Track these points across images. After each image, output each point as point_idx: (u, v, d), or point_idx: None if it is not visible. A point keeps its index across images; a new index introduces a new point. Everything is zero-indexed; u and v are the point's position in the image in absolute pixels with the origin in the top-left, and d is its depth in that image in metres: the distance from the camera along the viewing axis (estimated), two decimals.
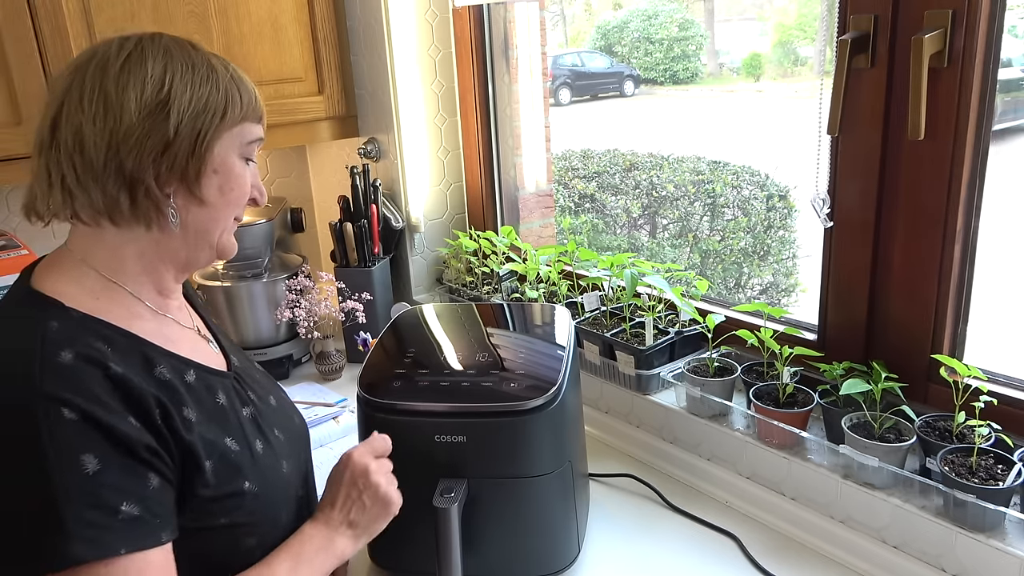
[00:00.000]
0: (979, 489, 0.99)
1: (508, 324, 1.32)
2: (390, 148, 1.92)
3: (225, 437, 0.86)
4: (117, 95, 0.80)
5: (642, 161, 4.46)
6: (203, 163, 0.85)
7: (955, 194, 1.08)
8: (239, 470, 0.86)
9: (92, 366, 0.76)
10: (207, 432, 0.84)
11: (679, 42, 8.65)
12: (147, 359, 0.82)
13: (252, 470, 0.87)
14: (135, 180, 0.82)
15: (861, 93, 1.14)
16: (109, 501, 0.73)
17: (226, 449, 0.85)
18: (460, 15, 1.89)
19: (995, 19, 1.02)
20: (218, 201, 0.88)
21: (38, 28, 1.52)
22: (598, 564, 1.18)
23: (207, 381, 0.89)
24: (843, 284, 1.24)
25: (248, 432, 0.90)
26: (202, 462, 0.82)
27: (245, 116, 0.89)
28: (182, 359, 0.87)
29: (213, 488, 0.82)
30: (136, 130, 0.80)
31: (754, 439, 1.25)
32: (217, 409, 0.88)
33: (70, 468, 0.72)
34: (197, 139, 0.83)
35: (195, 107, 0.83)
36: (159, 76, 0.82)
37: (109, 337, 0.80)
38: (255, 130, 0.92)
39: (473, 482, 1.06)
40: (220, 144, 0.86)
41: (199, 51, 0.87)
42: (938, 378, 1.12)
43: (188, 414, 0.83)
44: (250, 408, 0.94)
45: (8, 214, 1.84)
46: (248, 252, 1.84)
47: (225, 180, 0.88)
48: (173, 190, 0.85)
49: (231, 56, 1.74)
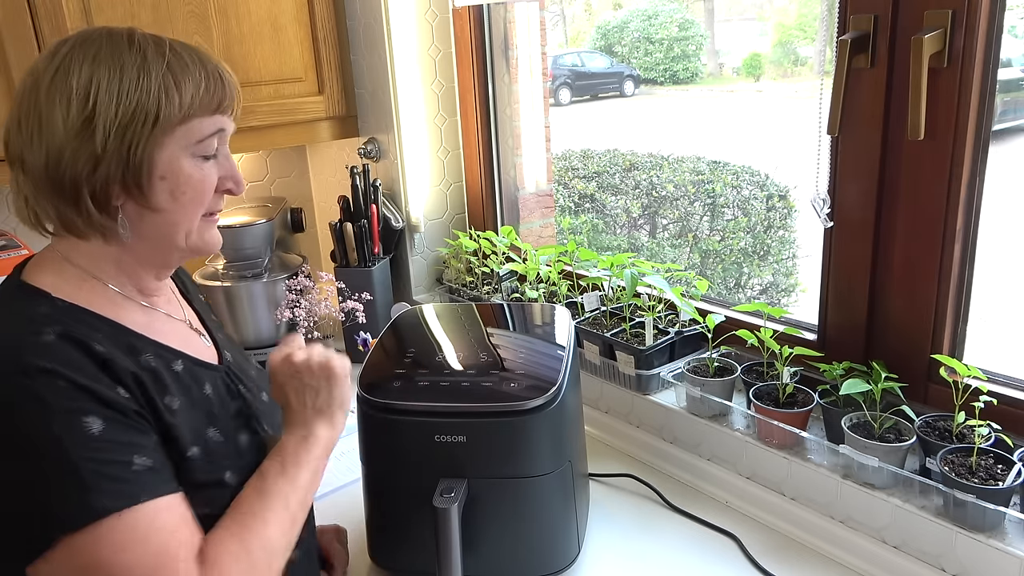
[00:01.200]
0: (979, 489, 0.99)
1: (508, 324, 1.32)
2: (390, 148, 1.92)
3: (209, 427, 0.87)
4: (47, 114, 0.79)
5: (642, 161, 4.46)
6: (142, 173, 0.81)
7: (955, 194, 1.08)
8: (222, 461, 0.86)
9: (75, 344, 0.77)
10: (192, 420, 0.85)
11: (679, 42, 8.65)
12: (132, 347, 0.84)
13: (235, 462, 0.88)
14: (76, 197, 0.81)
15: (861, 93, 1.14)
16: (121, 455, 0.75)
17: (210, 439, 0.86)
18: (460, 15, 1.89)
19: (995, 19, 1.02)
20: (172, 206, 0.84)
21: (38, 28, 1.52)
22: (598, 564, 1.18)
23: (194, 372, 0.90)
24: (843, 284, 1.24)
25: (234, 425, 0.91)
26: (187, 448, 0.83)
27: (190, 114, 0.83)
28: (169, 349, 0.88)
29: (197, 475, 0.83)
30: (66, 149, 0.79)
31: (754, 439, 1.25)
32: (203, 399, 0.89)
33: (76, 429, 0.73)
34: (129, 151, 0.80)
35: (122, 119, 0.79)
36: (83, 89, 0.79)
37: (94, 325, 0.82)
38: (207, 125, 0.85)
39: (473, 482, 1.06)
40: (162, 150, 0.82)
41: (135, 46, 0.82)
42: (938, 378, 1.12)
43: (170, 401, 0.84)
44: (239, 402, 0.94)
45: (8, 214, 1.84)
46: (248, 252, 1.84)
47: (175, 185, 0.84)
48: (122, 202, 0.83)
49: (231, 56, 1.75)
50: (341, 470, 1.47)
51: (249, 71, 1.78)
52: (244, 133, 1.80)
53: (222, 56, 1.73)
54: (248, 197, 2.15)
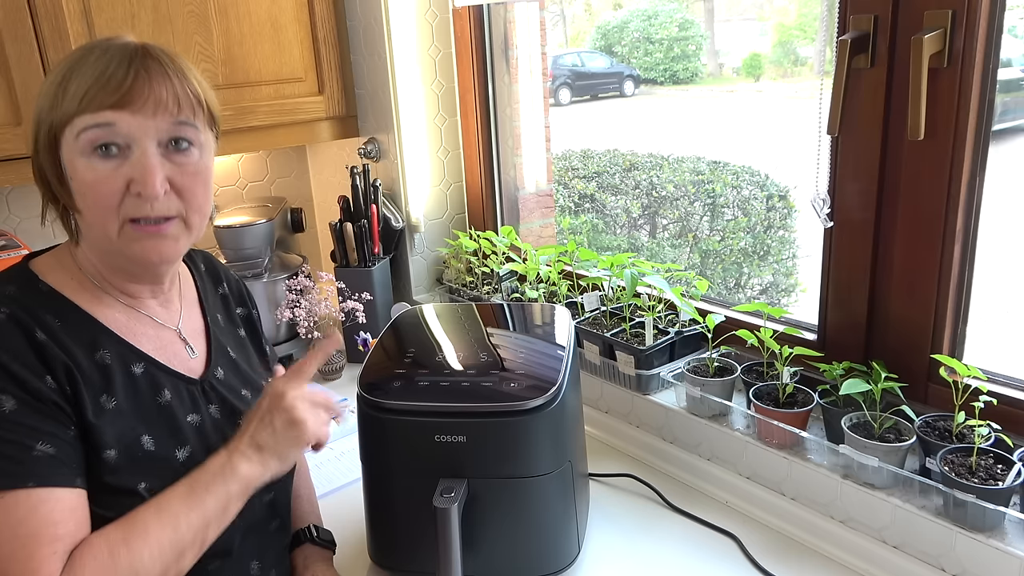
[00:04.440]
0: (979, 489, 0.99)
1: (508, 324, 1.32)
2: (390, 148, 1.92)
3: (144, 434, 0.86)
4: None
5: (642, 161, 4.46)
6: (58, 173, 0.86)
7: (955, 194, 1.08)
8: (143, 470, 0.85)
9: (18, 327, 0.81)
10: (124, 423, 0.85)
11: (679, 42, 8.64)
12: (94, 342, 0.86)
13: (159, 475, 0.86)
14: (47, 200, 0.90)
15: (861, 93, 1.14)
16: (24, 438, 0.77)
17: (137, 445, 0.86)
18: (460, 15, 1.89)
19: (995, 19, 1.02)
20: (83, 207, 0.86)
21: (38, 28, 1.52)
22: (598, 564, 1.18)
23: (155, 377, 0.90)
24: (843, 284, 1.24)
25: (180, 437, 0.90)
26: (102, 450, 0.83)
27: (74, 112, 0.82)
28: (135, 350, 0.89)
29: (108, 478, 0.83)
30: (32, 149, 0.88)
31: (754, 439, 1.25)
32: (151, 406, 0.89)
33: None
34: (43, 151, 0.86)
35: (35, 119, 0.86)
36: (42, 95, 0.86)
37: (63, 314, 0.85)
38: (86, 120, 0.82)
39: (473, 482, 1.06)
40: (63, 149, 0.85)
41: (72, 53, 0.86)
42: (938, 378, 1.12)
43: (105, 401, 0.84)
44: (199, 417, 0.93)
45: (8, 214, 1.84)
46: (248, 252, 1.84)
47: (77, 186, 0.85)
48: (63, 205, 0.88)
49: (231, 56, 1.75)
50: (341, 470, 1.47)
51: (249, 71, 1.78)
52: (244, 133, 1.80)
53: (222, 56, 1.74)
54: (248, 197, 2.15)
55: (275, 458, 0.89)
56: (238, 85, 1.77)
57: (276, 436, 0.88)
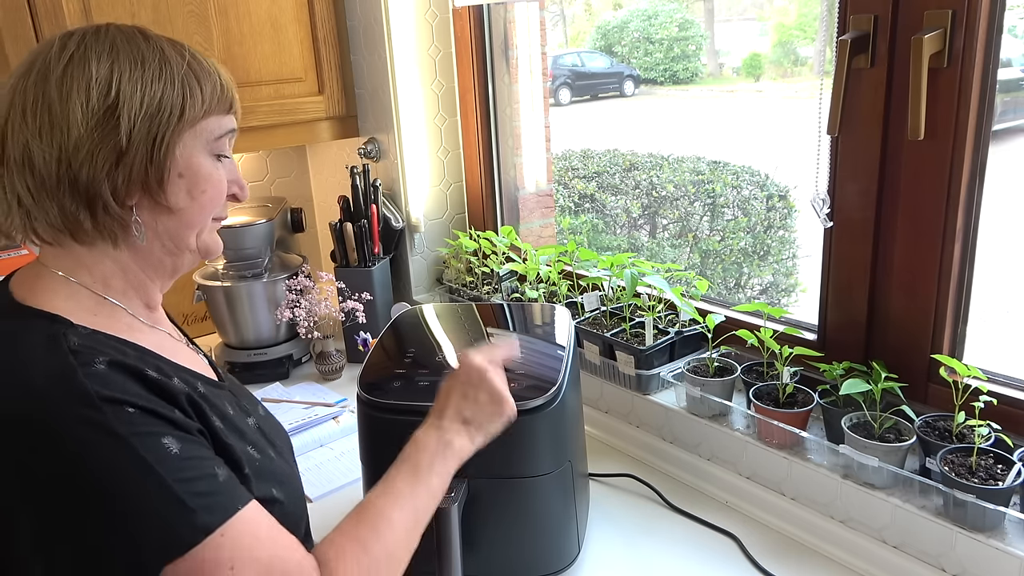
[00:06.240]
0: (979, 489, 0.99)
1: (508, 324, 1.32)
2: (390, 148, 1.92)
3: (246, 446, 0.83)
4: (61, 104, 0.74)
5: (642, 161, 4.46)
6: (164, 168, 0.78)
7: (955, 194, 1.08)
8: (267, 477, 0.83)
9: (127, 372, 0.73)
10: (232, 440, 0.81)
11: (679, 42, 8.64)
12: (161, 370, 0.78)
13: (276, 478, 0.85)
14: (92, 195, 0.75)
15: (861, 93, 1.14)
16: (205, 470, 0.73)
17: (251, 457, 0.83)
18: (460, 15, 1.89)
19: (995, 19, 1.02)
20: (189, 206, 0.81)
21: (38, 28, 1.52)
22: (598, 564, 1.18)
23: (214, 393, 0.86)
24: (843, 284, 1.24)
25: (260, 442, 0.88)
26: (243, 464, 0.80)
27: (209, 110, 0.81)
28: (189, 371, 0.84)
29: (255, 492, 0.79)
30: (86, 141, 0.74)
31: (754, 439, 1.25)
32: (229, 419, 0.84)
33: (159, 452, 0.70)
34: (154, 144, 0.76)
35: (148, 109, 0.76)
36: (105, 78, 0.75)
37: (122, 350, 0.77)
38: (224, 123, 0.83)
39: (473, 482, 1.06)
40: (183, 145, 0.79)
41: (151, 41, 0.79)
42: (938, 378, 1.12)
43: (216, 421, 0.80)
44: (252, 418, 0.91)
45: None
46: (248, 252, 1.84)
47: (194, 183, 0.81)
48: (136, 201, 0.78)
49: (231, 56, 1.75)
50: (341, 470, 1.47)
51: (249, 71, 1.78)
52: (244, 133, 1.79)
53: (222, 56, 1.73)
54: (248, 197, 2.15)
55: (481, 432, 0.93)
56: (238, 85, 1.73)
57: (482, 410, 0.93)
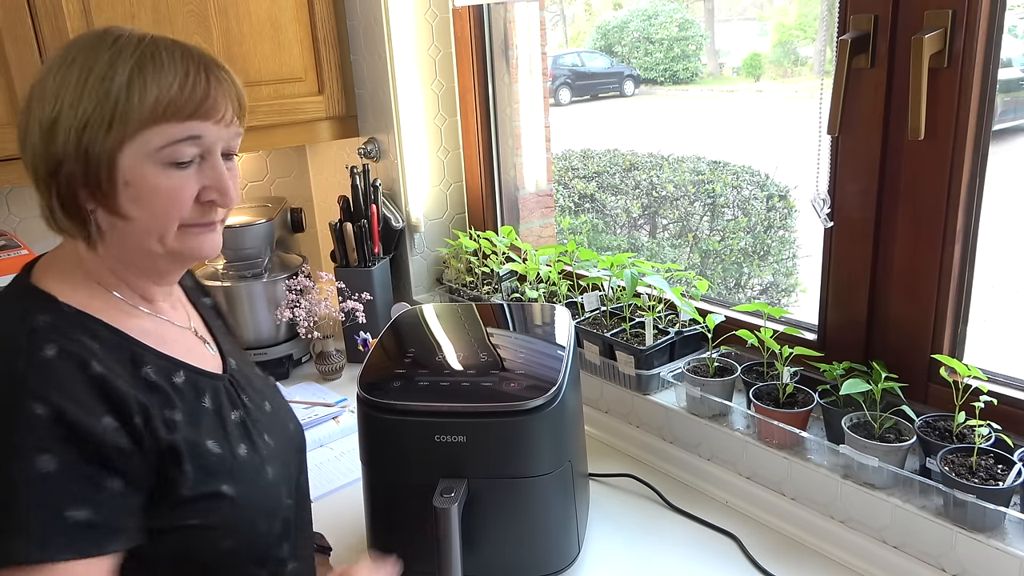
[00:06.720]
0: (979, 489, 0.99)
1: (508, 324, 1.32)
2: (390, 148, 1.92)
3: (206, 440, 0.85)
4: (29, 117, 0.81)
5: (642, 161, 4.46)
6: (102, 177, 0.79)
7: (955, 194, 1.08)
8: (217, 473, 0.85)
9: (73, 363, 0.75)
10: (190, 433, 0.83)
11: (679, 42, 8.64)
12: (135, 359, 0.82)
13: (232, 474, 0.86)
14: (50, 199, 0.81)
15: (861, 93, 1.14)
16: (58, 504, 0.72)
17: (206, 451, 0.84)
18: (460, 15, 1.89)
19: (995, 19, 1.02)
20: (139, 214, 0.81)
21: (38, 28, 1.52)
22: (598, 564, 1.18)
23: (196, 383, 0.88)
24: (843, 284, 1.24)
25: (233, 436, 0.89)
26: (184, 462, 0.81)
27: (151, 120, 0.78)
28: (172, 360, 0.87)
29: (191, 489, 0.81)
30: (38, 149, 0.80)
31: (754, 439, 1.25)
32: (200, 411, 0.87)
33: (27, 465, 0.71)
34: (87, 157, 0.78)
35: (80, 121, 0.77)
36: (53, 92, 0.79)
37: (99, 334, 0.80)
38: (175, 131, 0.80)
39: (473, 482, 1.06)
40: (125, 155, 0.78)
41: (114, 46, 0.80)
42: (938, 378, 1.12)
43: (172, 415, 0.82)
44: (239, 412, 0.92)
45: (8, 214, 1.84)
46: (248, 252, 1.84)
47: (140, 193, 0.80)
48: (92, 207, 0.81)
49: (231, 56, 1.75)
50: (341, 470, 1.47)
51: (249, 71, 1.78)
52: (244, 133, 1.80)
53: (222, 56, 1.72)
54: (248, 197, 2.15)
55: None
56: None
57: None
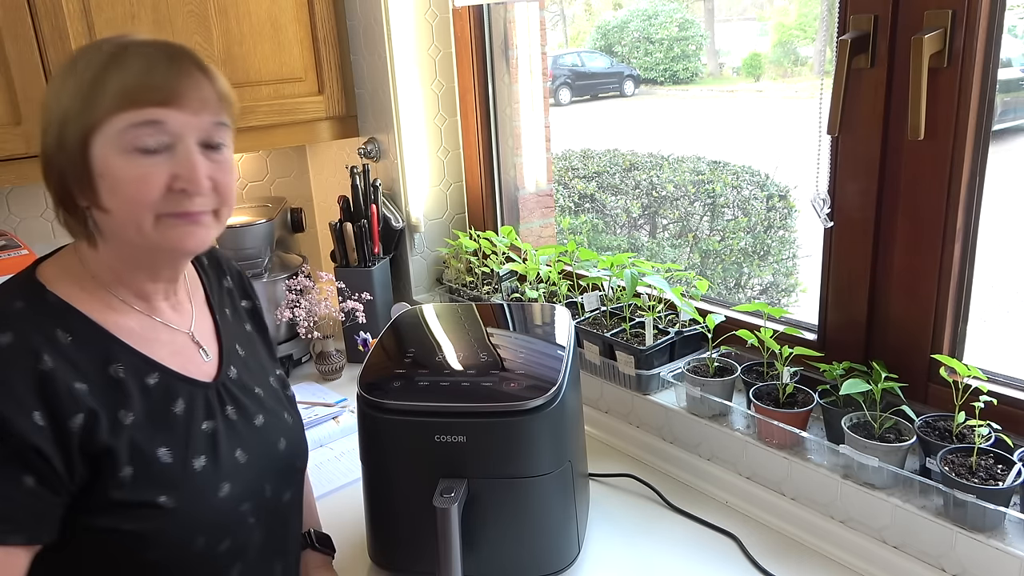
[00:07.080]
0: (979, 489, 0.99)
1: (508, 324, 1.32)
2: (390, 148, 1.92)
3: (159, 446, 0.85)
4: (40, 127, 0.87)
5: (642, 161, 4.46)
6: (83, 172, 0.82)
7: (955, 194, 1.08)
8: (159, 482, 0.84)
9: (23, 354, 0.78)
10: (140, 437, 0.83)
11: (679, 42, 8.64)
12: (107, 355, 0.84)
13: (175, 485, 0.85)
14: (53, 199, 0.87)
15: (861, 93, 1.14)
16: None
17: (154, 458, 0.84)
18: (460, 15, 1.89)
19: (995, 19, 1.02)
20: (114, 204, 0.83)
21: (38, 28, 1.52)
22: (598, 564, 1.18)
23: (169, 387, 0.88)
24: (843, 284, 1.24)
25: (194, 446, 0.88)
26: (121, 466, 0.81)
27: (113, 108, 0.81)
28: (148, 360, 0.88)
29: (126, 493, 0.81)
30: (40, 150, 0.86)
31: (754, 439, 1.25)
32: (166, 415, 0.87)
33: None
34: (67, 149, 0.82)
35: (59, 119, 0.82)
36: (48, 96, 0.85)
37: (74, 328, 0.83)
38: (131, 117, 0.81)
39: (473, 482, 1.06)
40: (97, 146, 0.82)
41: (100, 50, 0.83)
42: (938, 378, 1.12)
43: (123, 416, 0.83)
44: (213, 422, 0.91)
45: (8, 214, 1.84)
46: (248, 252, 1.84)
47: (113, 183, 0.82)
48: (86, 204, 0.85)
49: (231, 56, 1.75)
50: (341, 470, 1.47)
51: (249, 71, 1.78)
52: (244, 133, 1.80)
53: (222, 56, 1.74)
54: (248, 197, 2.15)
55: None
56: (238, 85, 1.77)
57: None
